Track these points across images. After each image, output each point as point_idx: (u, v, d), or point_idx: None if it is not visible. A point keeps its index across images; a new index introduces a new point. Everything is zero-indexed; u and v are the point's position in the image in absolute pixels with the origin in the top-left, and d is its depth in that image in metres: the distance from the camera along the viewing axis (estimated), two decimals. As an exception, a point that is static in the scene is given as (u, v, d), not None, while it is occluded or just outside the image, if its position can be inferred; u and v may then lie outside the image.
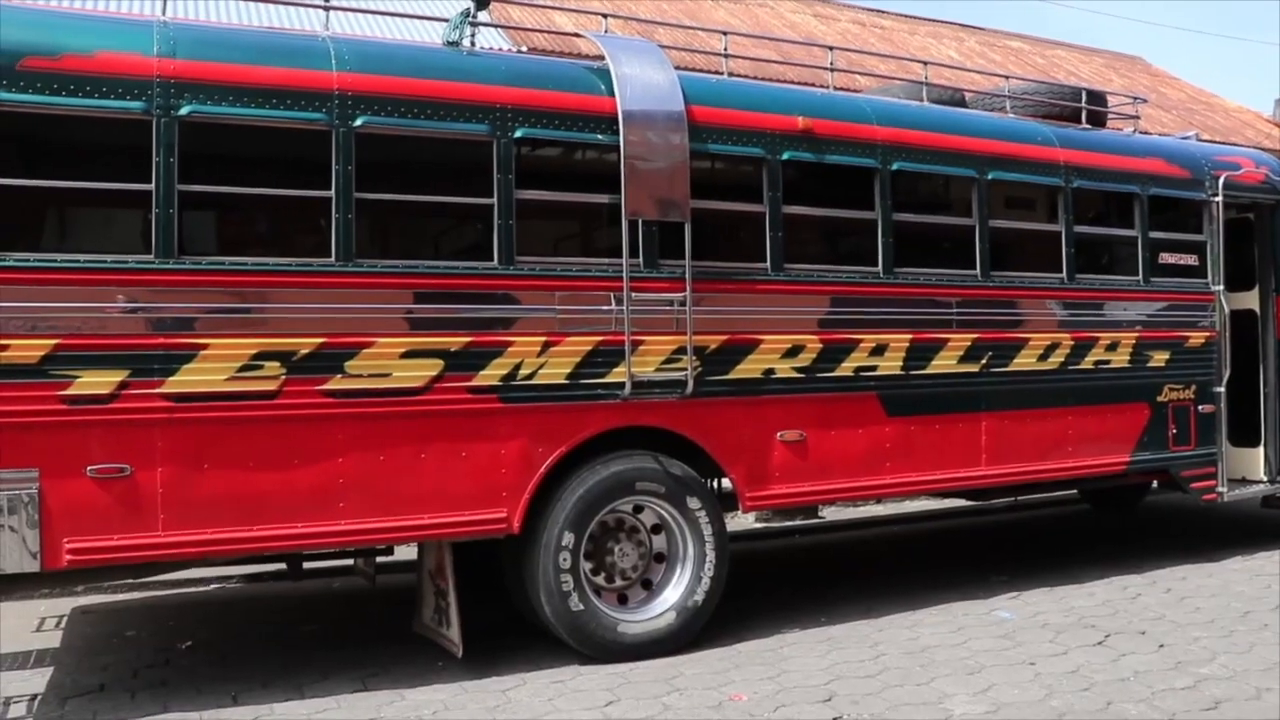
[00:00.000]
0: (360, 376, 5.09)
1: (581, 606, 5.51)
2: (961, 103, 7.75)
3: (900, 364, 6.49)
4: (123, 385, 4.68)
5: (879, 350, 6.40)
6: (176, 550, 4.83)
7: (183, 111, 4.78)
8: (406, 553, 6.31)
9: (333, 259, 5.07)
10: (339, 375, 5.05)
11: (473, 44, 5.79)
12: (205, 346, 4.81)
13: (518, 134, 5.46)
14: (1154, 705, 4.82)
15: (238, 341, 4.88)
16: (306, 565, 6.31)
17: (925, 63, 7.87)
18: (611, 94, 5.66)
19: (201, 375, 4.81)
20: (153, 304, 4.74)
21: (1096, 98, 8.41)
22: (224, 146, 5.10)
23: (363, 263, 5.12)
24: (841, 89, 7.24)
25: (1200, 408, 7.96)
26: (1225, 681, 5.16)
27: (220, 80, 4.89)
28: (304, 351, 4.98)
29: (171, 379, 4.75)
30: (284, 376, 4.95)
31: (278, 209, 5.34)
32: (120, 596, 7.31)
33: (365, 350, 5.10)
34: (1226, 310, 8.13)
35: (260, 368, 4.91)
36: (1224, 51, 59.02)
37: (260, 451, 4.93)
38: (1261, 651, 5.64)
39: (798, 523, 9.97)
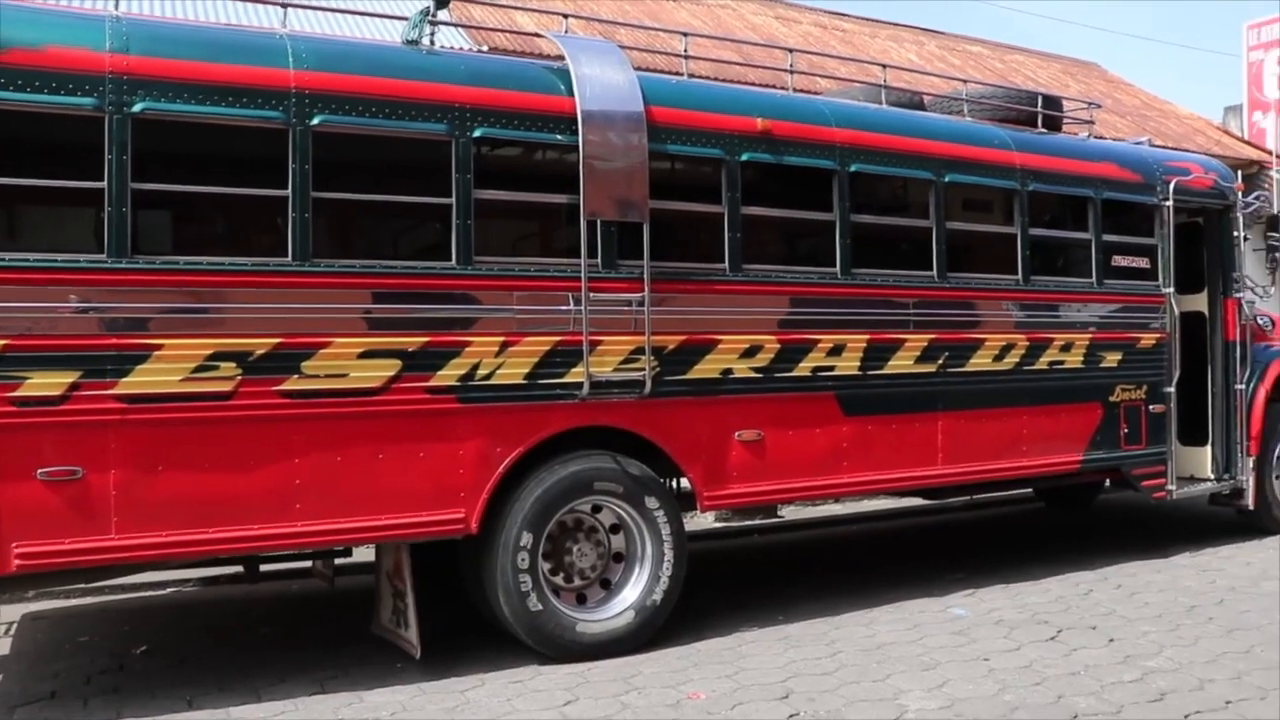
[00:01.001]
0: (317, 377, 5.06)
1: (540, 606, 5.51)
2: (920, 106, 7.81)
3: (858, 364, 6.54)
4: (74, 386, 4.62)
5: (836, 350, 6.44)
6: (130, 554, 4.77)
7: (136, 108, 4.73)
8: (365, 554, 6.27)
9: (289, 259, 5.04)
10: (295, 376, 5.02)
11: (432, 43, 5.77)
12: (159, 347, 4.76)
13: (477, 134, 5.45)
14: (1103, 698, 4.90)
15: (193, 342, 4.83)
16: (264, 568, 6.26)
17: (884, 65, 7.92)
18: (571, 94, 5.67)
19: (156, 376, 4.76)
20: (105, 304, 4.68)
21: (1052, 102, 8.50)
22: (178, 144, 5.05)
23: (320, 262, 5.09)
24: (801, 91, 7.28)
25: (1151, 408, 8.07)
26: (1171, 674, 5.26)
27: (174, 77, 4.83)
28: (260, 352, 4.94)
29: (125, 380, 4.70)
30: (240, 377, 4.91)
31: (233, 208, 5.31)
32: (73, 602, 7.21)
33: (322, 350, 5.07)
34: (1176, 312, 8.25)
35: (216, 368, 4.87)
36: (1178, 59, 59.85)
37: (216, 453, 4.89)
38: (1206, 644, 5.75)
39: (756, 522, 10.01)
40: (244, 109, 4.95)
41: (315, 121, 5.08)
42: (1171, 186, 8.25)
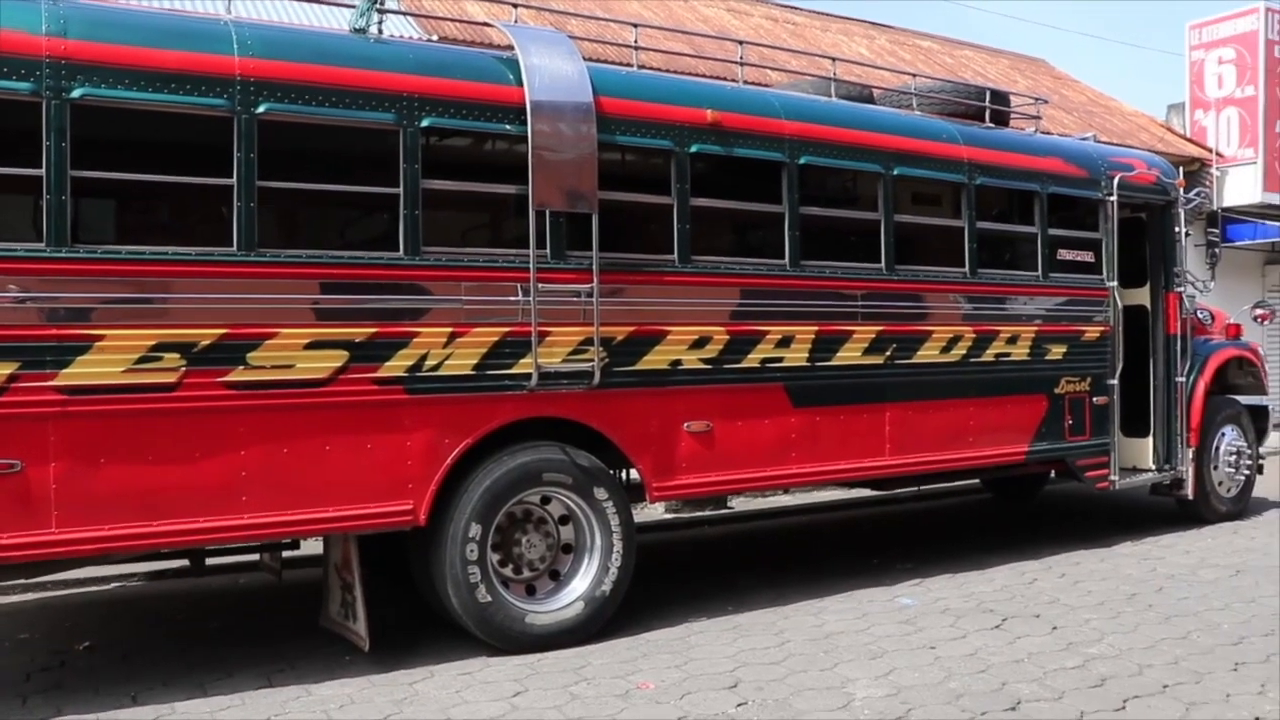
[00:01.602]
0: (263, 368, 5.01)
1: (489, 598, 5.50)
2: (870, 99, 7.86)
3: (806, 356, 6.57)
4: (13, 378, 4.53)
5: (785, 342, 6.47)
6: (72, 548, 4.70)
7: (75, 94, 4.65)
8: (314, 546, 6.24)
9: (234, 248, 4.98)
10: (241, 367, 4.97)
11: (380, 31, 5.72)
12: (101, 338, 4.69)
13: (425, 123, 5.42)
14: (1046, 684, 4.97)
15: (135, 332, 4.76)
16: (211, 561, 6.19)
17: (834, 59, 7.97)
18: (520, 84, 5.65)
19: (97, 367, 4.68)
20: (45, 294, 4.60)
21: (1000, 97, 8.59)
22: (119, 131, 4.97)
23: (265, 252, 5.04)
24: (752, 83, 7.30)
25: (1095, 400, 8.19)
26: (1112, 660, 5.34)
27: (115, 62, 4.75)
28: (205, 343, 4.89)
29: (65, 371, 4.63)
30: (184, 368, 4.85)
31: (177, 197, 5.22)
32: (13, 598, 7.09)
33: (268, 341, 5.02)
34: (1120, 306, 8.37)
35: (159, 359, 4.80)
36: (1124, 57, 60.66)
37: (159, 445, 4.82)
38: (1145, 630, 5.85)
39: (706, 513, 10.06)
40: (187, 96, 4.88)
41: (261, 109, 5.02)
42: (1115, 182, 8.37)
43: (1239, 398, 9.56)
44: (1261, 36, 16.75)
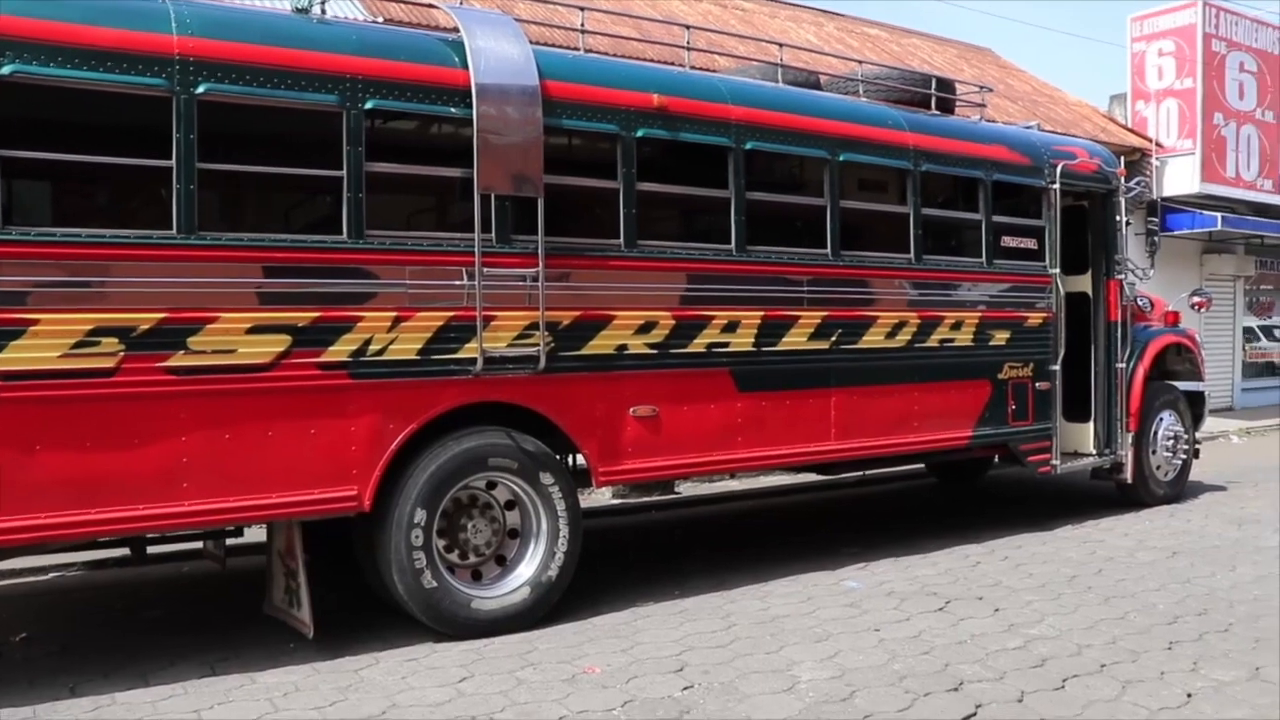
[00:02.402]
0: (204, 353, 4.94)
1: (435, 584, 5.48)
2: (816, 85, 7.88)
3: (752, 341, 6.60)
4: (-55, 364, 4.44)
5: (731, 327, 6.49)
6: (7, 537, 4.60)
7: (5, 71, 4.53)
8: (258, 534, 6.17)
9: (174, 231, 4.89)
10: (181, 352, 4.89)
11: (323, 12, 5.65)
12: (36, 322, 4.59)
13: (368, 105, 5.36)
14: (988, 665, 5.04)
15: (72, 317, 4.66)
16: (153, 550, 6.10)
17: (782, 45, 7.99)
18: (465, 67, 5.60)
19: (32, 353, 4.59)
20: (-22, 277, 4.50)
21: (945, 85, 8.65)
22: (53, 111, 4.86)
23: (206, 235, 4.96)
24: (699, 69, 7.29)
25: (1037, 385, 8.30)
26: (1052, 640, 5.43)
27: (47, 39, 4.62)
28: (144, 327, 4.81)
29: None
30: (122, 353, 4.77)
31: (115, 179, 5.13)
32: (-53, 588, 6.97)
33: (209, 326, 4.95)
34: (1062, 292, 8.49)
35: (97, 344, 4.72)
36: (1069, 48, 61.39)
37: (98, 431, 4.74)
38: (1085, 612, 5.95)
39: (653, 499, 10.07)
40: (123, 75, 4.78)
41: (200, 90, 4.94)
42: (1058, 170, 8.47)
43: (1177, 383, 9.74)
44: (1199, 30, 17.03)
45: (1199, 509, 9.25)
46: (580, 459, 6.17)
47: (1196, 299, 10.62)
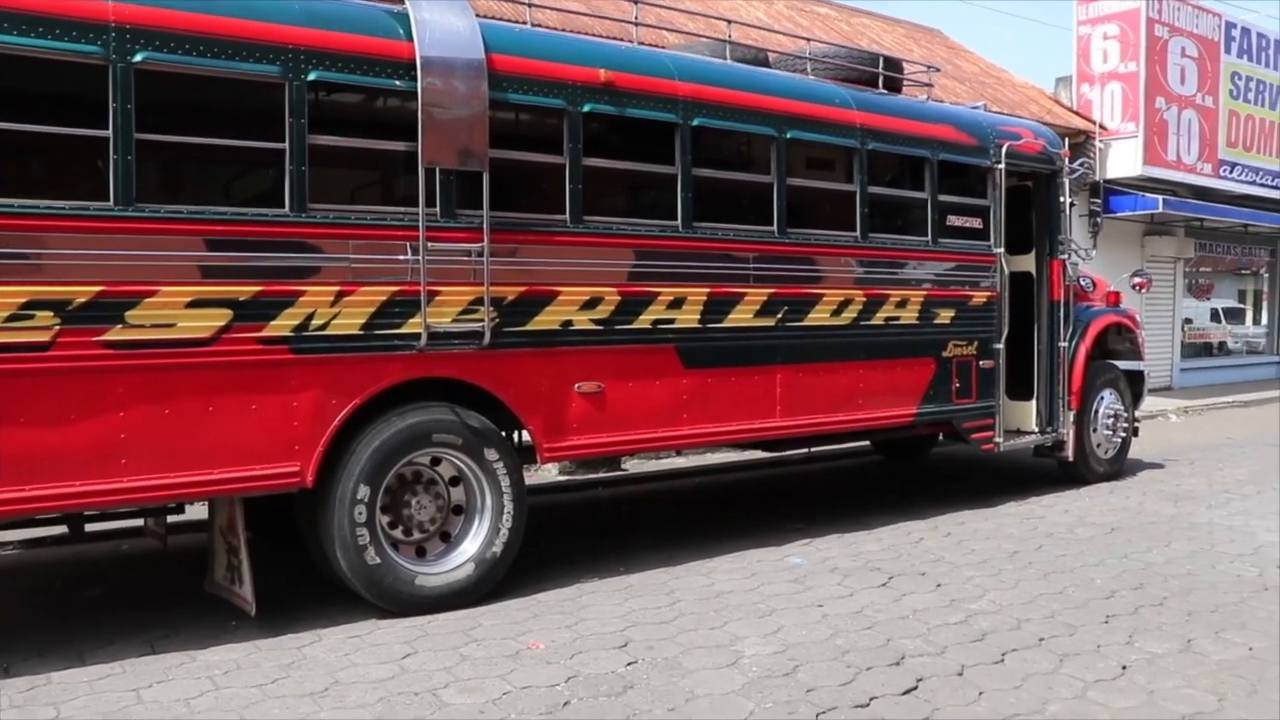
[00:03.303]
0: (143, 327, 4.86)
1: (378, 560, 5.45)
2: (765, 63, 7.88)
3: (698, 317, 6.60)
4: (-128, 337, 4.34)
5: (677, 303, 6.49)
6: (-61, 513, 4.52)
7: (-63, 39, 4.43)
8: (200, 510, 6.10)
9: (111, 203, 4.80)
10: (119, 325, 4.81)
11: (265, -19, 5.56)
12: (-34, 294, 4.50)
13: (311, 77, 5.28)
14: (929, 640, 5.11)
15: (5, 290, 4.55)
16: (92, 528, 6.01)
17: (730, 21, 7.98)
18: (410, 39, 5.54)
19: (-37, 326, 4.50)
20: (-95, 248, 4.39)
21: (893, 64, 8.67)
22: (-16, 79, 4.75)
23: (144, 207, 4.87)
24: (648, 45, 7.26)
25: (981, 363, 8.39)
26: (992, 615, 5.51)
27: (-22, 6, 4.52)
28: (80, 300, 4.71)
29: (-70, 330, 4.44)
30: (58, 327, 4.67)
31: (50, 149, 4.99)
32: (-121, 565, 6.84)
33: (148, 299, 4.87)
34: (1007, 272, 8.57)
35: (31, 317, 4.61)
36: (1017, 30, 61.87)
37: (33, 406, 4.64)
38: (1025, 586, 6.04)
39: (600, 475, 10.08)
40: (56, 41, 4.65)
41: (138, 59, 4.84)
42: (1004, 150, 8.54)
43: (1117, 363, 9.88)
44: (1143, 15, 17.23)
45: (1137, 486, 9.42)
46: (525, 435, 6.16)
47: (1137, 280, 10.76)
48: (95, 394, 4.78)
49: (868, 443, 10.79)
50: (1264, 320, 23.42)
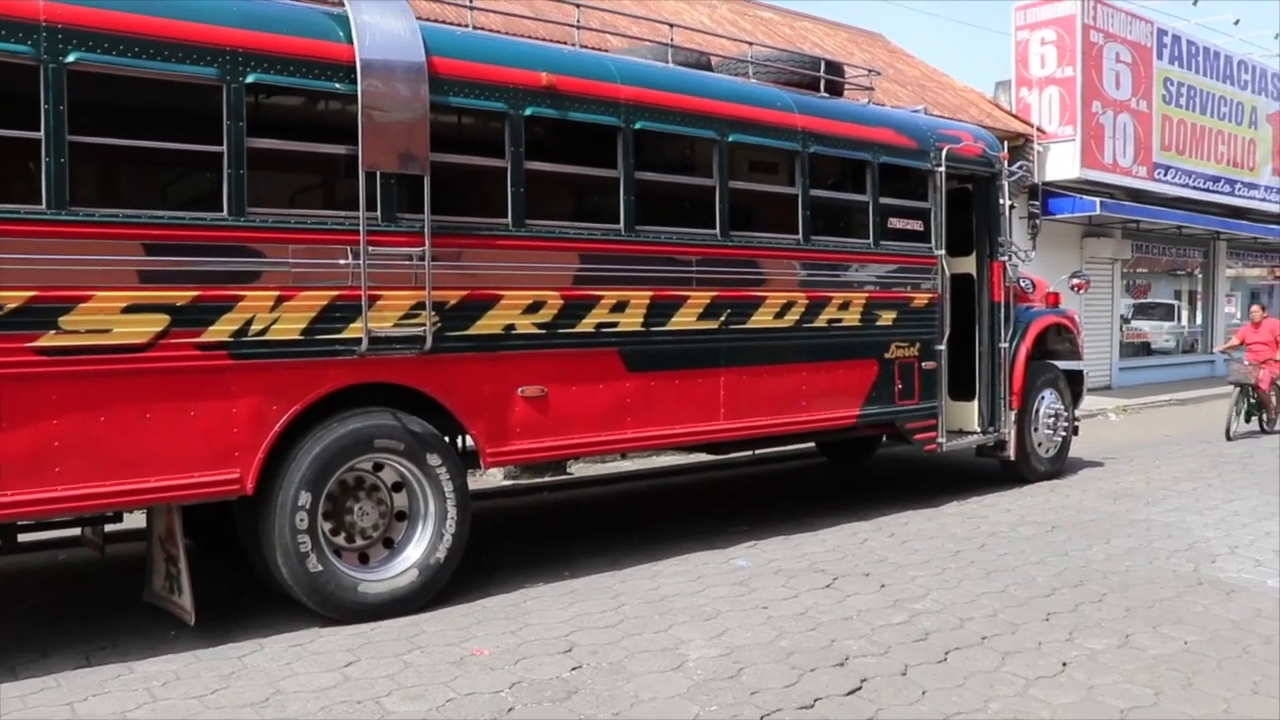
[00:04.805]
0: (77, 333, 4.77)
1: (320, 567, 5.39)
2: (707, 66, 7.89)
3: (641, 321, 6.61)
4: None
5: (620, 307, 6.49)
6: None
7: None
8: (138, 519, 5.99)
9: (43, 206, 4.71)
10: (52, 331, 4.72)
11: (202, -18, 5.48)
12: (-109, 300, 4.40)
13: (249, 79, 5.22)
14: (873, 640, 5.15)
15: (-69, 294, 4.48)
16: (27, 538, 5.87)
17: (673, 25, 8.00)
18: (350, 42, 5.50)
19: (-110, 332, 4.39)
20: None
21: (835, 68, 8.73)
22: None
23: (78, 211, 4.79)
24: (591, 48, 7.25)
25: (924, 365, 8.47)
26: (935, 614, 5.57)
27: (-96, 6, 4.43)
28: (10, 306, 4.62)
29: None
30: (-12, 333, 4.59)
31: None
32: None
33: (82, 305, 4.78)
34: (948, 274, 8.66)
35: (-41, 323, 4.53)
36: (958, 35, 62.63)
37: (-38, 414, 4.55)
38: (967, 586, 6.11)
39: (545, 479, 10.05)
40: (-16, 42, 4.58)
41: (70, 59, 4.75)
42: (944, 153, 8.63)
43: (1057, 363, 10.03)
44: (1079, 20, 17.50)
45: (1077, 484, 9.56)
46: (469, 440, 6.13)
47: (1076, 281, 10.92)
48: (28, 402, 4.70)
49: (812, 445, 10.84)
50: (1199, 320, 23.86)
